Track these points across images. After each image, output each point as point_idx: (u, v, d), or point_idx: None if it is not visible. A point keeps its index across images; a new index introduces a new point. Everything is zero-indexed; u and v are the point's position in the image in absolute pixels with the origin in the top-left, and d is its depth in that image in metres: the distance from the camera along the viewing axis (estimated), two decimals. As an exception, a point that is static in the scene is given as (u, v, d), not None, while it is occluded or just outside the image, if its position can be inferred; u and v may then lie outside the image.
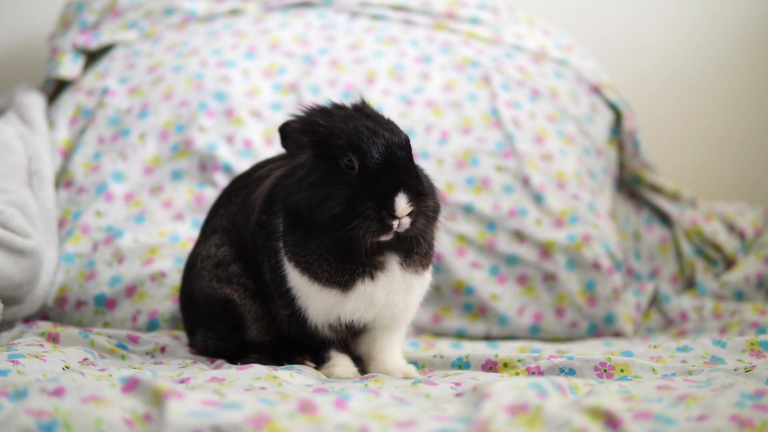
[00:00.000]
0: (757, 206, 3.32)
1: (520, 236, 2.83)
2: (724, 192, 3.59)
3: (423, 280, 2.02)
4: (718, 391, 1.65)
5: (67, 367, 1.93)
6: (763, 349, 2.09)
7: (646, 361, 2.02)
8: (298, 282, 1.97)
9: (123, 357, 2.18)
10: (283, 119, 2.05)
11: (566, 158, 2.96)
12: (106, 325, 2.58)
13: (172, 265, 2.62)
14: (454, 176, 2.88)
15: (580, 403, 1.52)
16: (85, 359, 2.03)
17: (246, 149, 2.86)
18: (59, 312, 2.61)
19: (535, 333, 2.80)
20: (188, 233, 2.69)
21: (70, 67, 3.11)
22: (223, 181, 2.77)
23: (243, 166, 2.67)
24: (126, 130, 2.91)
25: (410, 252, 1.96)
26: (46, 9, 3.52)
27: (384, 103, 2.93)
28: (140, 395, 1.47)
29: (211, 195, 2.70)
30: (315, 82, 3.00)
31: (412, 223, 1.87)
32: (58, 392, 1.45)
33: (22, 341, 2.13)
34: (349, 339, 2.07)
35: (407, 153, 1.89)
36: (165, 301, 2.58)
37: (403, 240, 1.91)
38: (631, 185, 3.27)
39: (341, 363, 2.05)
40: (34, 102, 3.01)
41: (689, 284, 3.13)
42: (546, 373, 1.97)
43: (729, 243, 3.15)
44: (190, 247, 2.33)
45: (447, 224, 2.15)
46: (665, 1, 3.68)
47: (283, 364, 2.01)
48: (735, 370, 1.89)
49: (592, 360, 1.99)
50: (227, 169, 2.81)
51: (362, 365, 2.09)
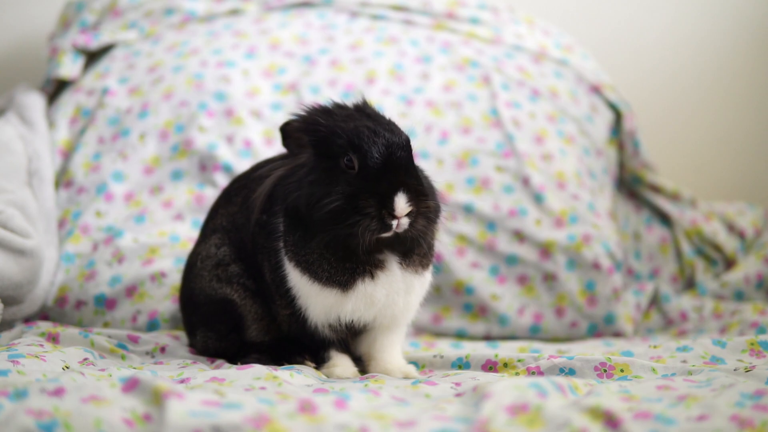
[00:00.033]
0: (757, 206, 3.32)
1: (520, 236, 2.83)
2: (724, 192, 3.58)
3: (423, 280, 2.02)
4: (718, 391, 1.65)
5: (67, 367, 1.93)
6: (763, 349, 2.09)
7: (646, 361, 2.02)
8: (298, 282, 1.97)
9: (123, 357, 2.18)
10: (283, 119, 2.06)
11: (566, 158, 2.96)
12: (106, 325, 2.58)
13: (172, 265, 2.62)
14: (454, 176, 2.88)
15: (580, 403, 1.52)
16: (85, 359, 2.03)
17: (246, 149, 2.86)
18: (59, 312, 2.61)
19: (535, 333, 2.80)
20: (188, 233, 2.69)
21: (70, 67, 3.11)
22: (223, 181, 2.77)
23: (243, 166, 2.67)
24: (126, 130, 2.91)
25: (410, 252, 1.96)
26: (46, 9, 3.52)
27: (384, 103, 2.93)
28: (140, 395, 1.47)
29: (211, 195, 2.70)
30: (315, 82, 3.00)
31: (411, 224, 1.87)
32: (58, 392, 1.44)
33: (22, 341, 2.13)
34: (349, 339, 2.07)
35: (407, 153, 1.89)
36: (165, 301, 2.58)
37: (403, 240, 1.91)
38: (631, 185, 3.27)
39: (341, 363, 2.05)
40: (34, 102, 3.01)
41: (689, 284, 3.13)
42: (546, 373, 1.97)
43: (729, 243, 3.15)
44: (190, 247, 2.33)
45: (447, 224, 2.14)
46: (665, 1, 3.68)
47: (283, 364, 2.01)
48: (735, 370, 1.89)
49: (592, 360, 1.99)
50: (227, 169, 2.81)
51: (362, 365, 2.09)
